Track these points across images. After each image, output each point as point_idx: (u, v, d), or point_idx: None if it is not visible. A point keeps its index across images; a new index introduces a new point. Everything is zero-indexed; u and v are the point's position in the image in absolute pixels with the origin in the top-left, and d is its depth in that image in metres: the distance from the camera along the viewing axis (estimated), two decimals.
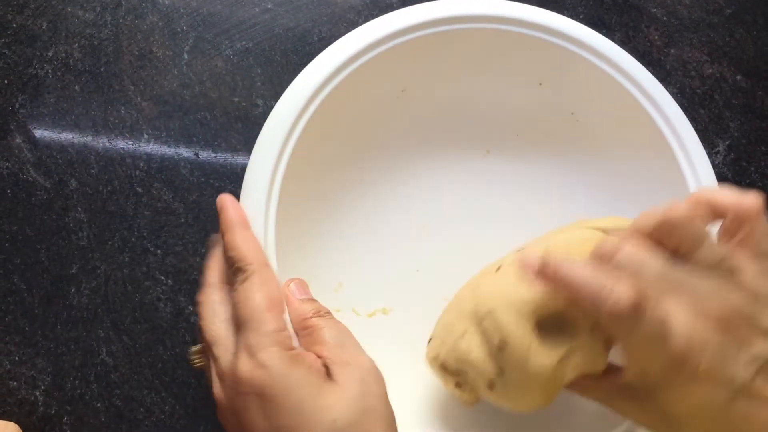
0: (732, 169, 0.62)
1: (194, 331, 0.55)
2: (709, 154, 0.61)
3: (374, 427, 0.36)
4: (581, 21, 0.61)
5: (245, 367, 0.37)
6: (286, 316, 0.40)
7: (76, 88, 0.58)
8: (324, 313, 0.42)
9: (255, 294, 0.39)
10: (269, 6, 0.61)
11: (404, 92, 0.55)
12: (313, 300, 0.43)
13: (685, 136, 0.50)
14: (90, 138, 0.57)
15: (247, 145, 0.58)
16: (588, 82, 0.52)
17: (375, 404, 0.37)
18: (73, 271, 0.55)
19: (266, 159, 0.48)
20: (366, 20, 0.60)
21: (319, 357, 0.39)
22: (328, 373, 0.38)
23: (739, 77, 0.64)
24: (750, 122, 0.63)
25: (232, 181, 0.57)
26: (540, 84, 0.54)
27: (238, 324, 0.39)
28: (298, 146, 0.48)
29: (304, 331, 0.40)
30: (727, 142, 0.62)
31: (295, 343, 0.39)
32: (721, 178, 0.61)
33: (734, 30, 0.64)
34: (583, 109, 0.54)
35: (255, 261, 0.41)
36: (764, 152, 0.62)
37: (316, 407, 0.36)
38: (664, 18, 0.64)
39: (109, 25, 0.59)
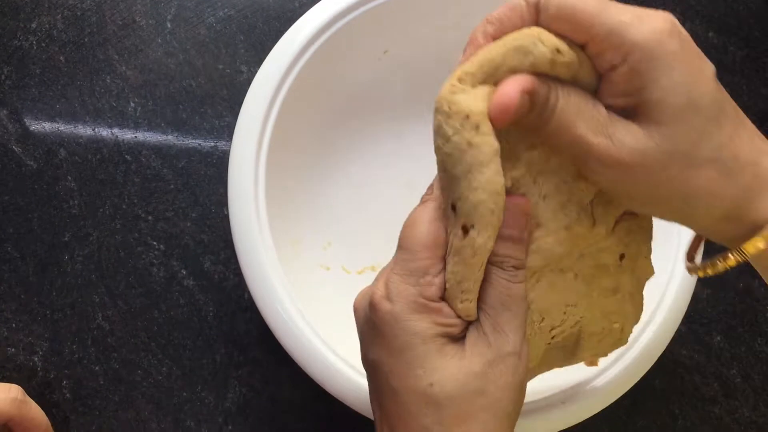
0: None
1: (187, 294, 0.56)
2: None
3: (477, 413, 0.32)
4: None
5: (378, 292, 0.34)
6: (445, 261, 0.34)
7: (61, 58, 0.58)
8: (509, 267, 0.34)
9: (422, 223, 0.34)
10: None
11: (386, 53, 0.56)
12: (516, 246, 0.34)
13: None
14: (77, 107, 0.57)
15: (232, 110, 0.59)
16: None
17: (493, 391, 0.32)
18: (66, 238, 0.56)
19: (252, 124, 0.49)
20: None
21: (467, 316, 0.34)
22: (462, 336, 0.34)
23: (711, 34, 0.65)
24: (721, 78, 0.64)
25: (220, 146, 0.58)
26: None
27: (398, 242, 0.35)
28: (282, 110, 0.50)
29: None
30: None
31: (437, 292, 0.34)
32: None
33: None
34: None
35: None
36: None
37: (418, 362, 0.32)
38: None
39: None
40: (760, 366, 0.60)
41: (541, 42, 0.31)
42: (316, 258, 0.54)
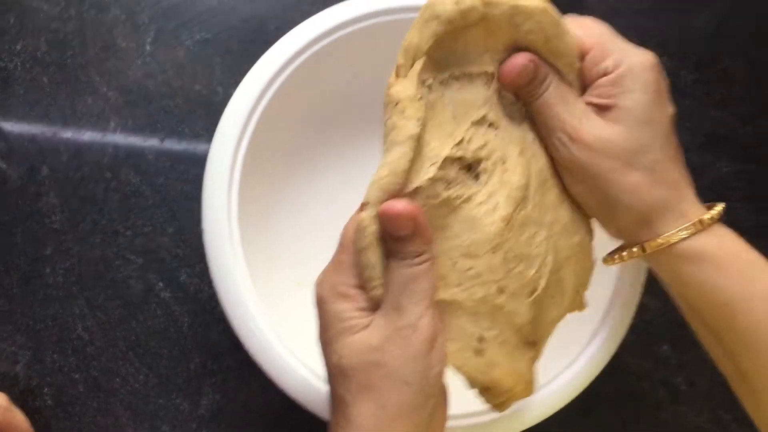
0: None
1: (164, 306, 0.59)
2: None
3: (377, 382, 0.36)
4: None
5: (317, 280, 0.40)
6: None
7: (44, 79, 0.61)
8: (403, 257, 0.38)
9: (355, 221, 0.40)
10: None
11: (356, 77, 0.59)
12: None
13: None
14: (59, 127, 0.60)
15: (209, 130, 0.61)
16: None
17: (388, 361, 0.36)
18: (48, 252, 0.58)
19: (227, 143, 0.52)
20: (319, 11, 0.64)
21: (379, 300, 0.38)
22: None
23: (664, 58, 0.68)
24: (674, 100, 0.68)
25: (196, 164, 0.61)
26: None
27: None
28: (257, 130, 0.52)
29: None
30: None
31: (357, 281, 0.38)
32: None
33: (660, 15, 0.70)
34: None
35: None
36: (687, 127, 0.67)
37: (334, 339, 0.37)
38: (596, 4, 0.69)
39: (74, 19, 0.62)
40: (705, 373, 0.63)
41: (443, 3, 0.38)
42: (289, 274, 0.57)
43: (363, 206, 0.38)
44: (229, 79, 0.63)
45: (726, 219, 0.66)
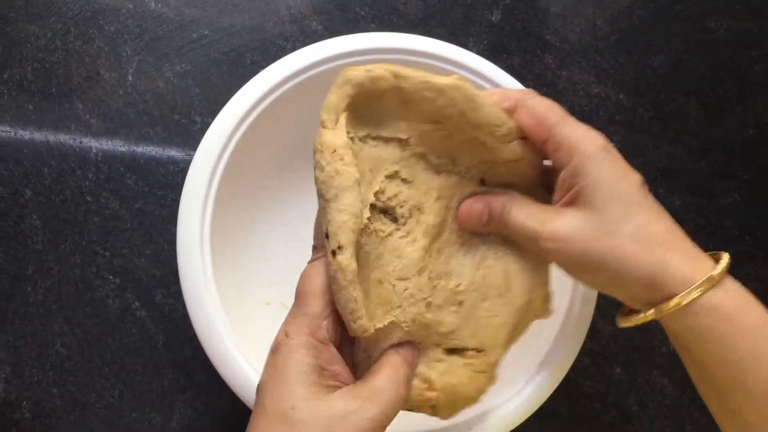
0: None
1: (140, 324, 0.61)
2: None
3: None
4: (485, 46, 0.70)
5: (280, 333, 0.40)
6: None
7: (30, 107, 0.64)
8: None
9: (315, 275, 0.41)
10: (206, 32, 0.68)
11: None
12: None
13: None
14: (43, 152, 0.63)
15: (186, 157, 0.65)
16: None
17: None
18: (29, 272, 0.61)
19: (203, 170, 0.54)
20: (294, 46, 0.68)
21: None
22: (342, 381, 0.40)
23: (621, 96, 0.73)
24: (630, 136, 0.72)
25: (173, 190, 0.64)
26: None
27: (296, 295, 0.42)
28: (231, 160, 0.55)
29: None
30: None
31: (324, 333, 0.40)
32: None
33: (618, 54, 0.74)
34: None
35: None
36: (642, 162, 0.71)
37: (289, 387, 0.38)
38: (557, 44, 0.73)
39: (60, 50, 0.65)
40: (655, 395, 0.66)
41: (354, 70, 0.42)
42: (257, 295, 0.60)
43: (334, 252, 0.40)
44: (206, 109, 0.66)
45: None
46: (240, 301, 0.57)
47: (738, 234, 0.72)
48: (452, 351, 0.48)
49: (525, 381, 0.55)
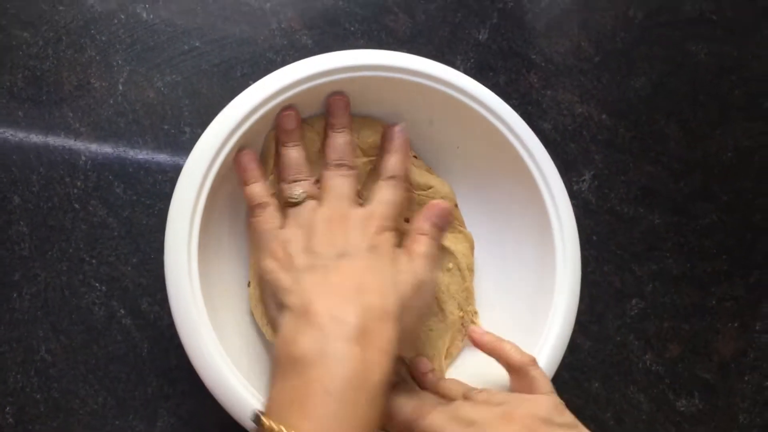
0: (596, 195, 0.72)
1: (125, 332, 0.62)
2: (577, 182, 0.72)
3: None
4: (472, 65, 0.71)
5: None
6: None
7: (20, 114, 0.64)
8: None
9: None
10: (197, 44, 0.68)
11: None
12: None
13: (545, 167, 0.60)
14: (32, 159, 0.63)
15: (175, 167, 0.65)
16: (467, 121, 0.61)
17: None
18: (16, 278, 0.62)
19: (192, 182, 0.55)
20: (284, 59, 0.69)
21: None
22: None
23: (604, 116, 0.74)
24: (612, 155, 0.73)
25: (161, 199, 0.64)
26: (431, 122, 0.63)
27: None
28: (221, 171, 0.56)
29: None
30: (592, 172, 0.73)
31: None
32: (586, 202, 0.72)
33: (601, 75, 0.75)
34: (466, 144, 0.63)
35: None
36: (623, 181, 0.73)
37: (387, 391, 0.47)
38: (542, 64, 0.74)
39: (51, 58, 0.66)
40: (632, 410, 0.68)
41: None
42: (244, 304, 0.61)
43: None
44: (196, 120, 0.67)
45: (656, 267, 0.71)
46: (226, 311, 0.57)
47: (715, 253, 0.73)
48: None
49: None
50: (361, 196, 0.62)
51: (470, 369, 0.61)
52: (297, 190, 0.56)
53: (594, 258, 0.71)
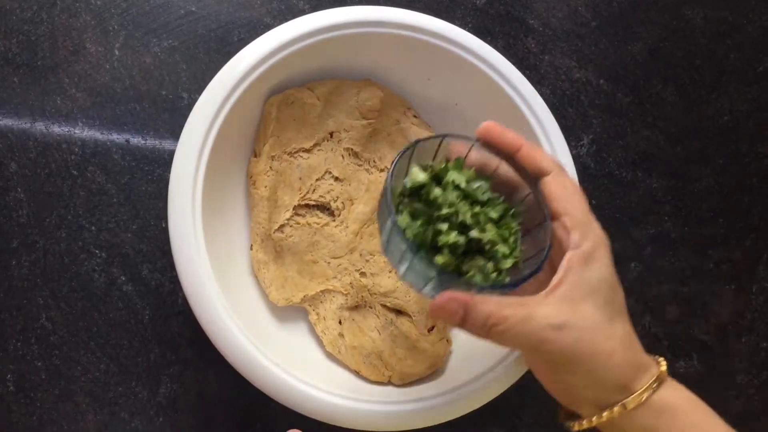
0: (594, 159, 0.72)
1: (126, 299, 0.61)
2: (575, 146, 0.72)
3: None
4: (470, 30, 0.70)
5: None
6: None
7: (15, 80, 0.63)
8: None
9: None
10: (193, 9, 0.67)
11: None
12: None
13: (545, 119, 0.60)
14: (28, 125, 0.63)
15: (173, 132, 0.65)
16: (465, 76, 0.61)
17: None
18: (14, 245, 0.61)
19: (192, 145, 0.55)
20: (281, 24, 0.68)
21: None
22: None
23: (601, 81, 0.74)
24: (610, 120, 0.73)
25: (161, 165, 0.64)
26: (428, 79, 0.63)
27: None
28: (219, 134, 0.56)
29: None
30: (591, 136, 0.73)
31: None
32: (585, 166, 0.72)
33: (599, 40, 0.75)
34: (465, 100, 0.63)
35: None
36: (620, 145, 0.73)
37: None
38: (540, 29, 0.74)
39: (45, 23, 0.65)
40: None
41: (276, 99, 0.61)
42: (244, 260, 0.61)
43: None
44: (193, 84, 0.66)
45: (655, 230, 0.71)
46: (231, 272, 0.57)
47: (712, 216, 0.74)
48: (400, 312, 0.61)
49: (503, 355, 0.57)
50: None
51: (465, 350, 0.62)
52: None
53: None
